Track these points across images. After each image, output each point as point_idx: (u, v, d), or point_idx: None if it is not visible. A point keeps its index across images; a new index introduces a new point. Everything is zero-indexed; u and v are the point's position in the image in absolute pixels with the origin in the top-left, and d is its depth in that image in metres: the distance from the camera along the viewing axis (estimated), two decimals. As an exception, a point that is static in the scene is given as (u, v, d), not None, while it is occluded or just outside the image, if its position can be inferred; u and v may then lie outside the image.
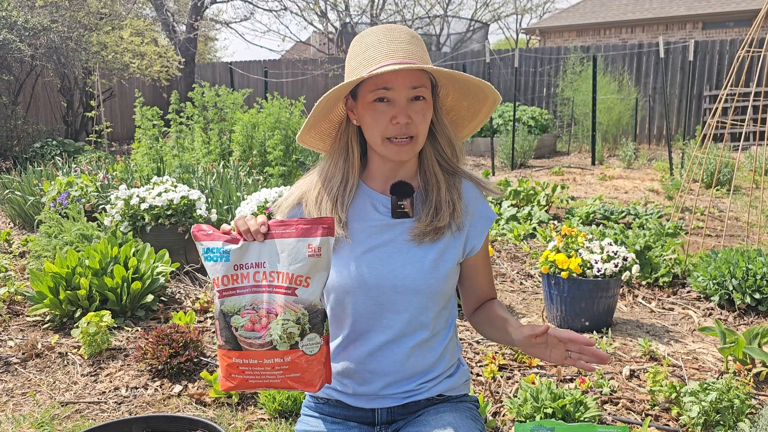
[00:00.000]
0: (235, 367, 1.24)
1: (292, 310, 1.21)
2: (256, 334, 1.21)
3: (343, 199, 1.42)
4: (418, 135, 1.35)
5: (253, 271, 1.23)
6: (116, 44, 11.17)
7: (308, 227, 1.23)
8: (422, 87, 1.34)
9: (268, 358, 1.22)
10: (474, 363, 2.99)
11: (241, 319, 1.22)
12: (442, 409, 1.45)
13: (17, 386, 2.83)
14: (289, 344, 1.21)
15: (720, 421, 2.33)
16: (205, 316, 3.62)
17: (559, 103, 13.05)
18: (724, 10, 16.74)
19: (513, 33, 33.10)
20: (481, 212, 1.46)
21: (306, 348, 1.22)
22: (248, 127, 6.83)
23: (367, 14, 19.42)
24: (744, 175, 8.07)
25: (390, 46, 1.33)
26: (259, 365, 1.22)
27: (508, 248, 5.11)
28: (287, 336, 1.21)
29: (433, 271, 1.39)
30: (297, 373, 1.22)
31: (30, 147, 9.85)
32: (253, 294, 1.22)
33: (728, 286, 3.71)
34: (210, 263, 1.24)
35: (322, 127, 1.46)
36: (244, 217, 1.25)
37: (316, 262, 1.22)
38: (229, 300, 1.23)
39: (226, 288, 1.23)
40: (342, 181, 1.43)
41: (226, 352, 1.24)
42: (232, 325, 1.22)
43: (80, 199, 5.19)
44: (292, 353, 1.21)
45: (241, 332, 1.22)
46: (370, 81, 1.33)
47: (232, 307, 1.23)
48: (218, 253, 1.24)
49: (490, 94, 1.40)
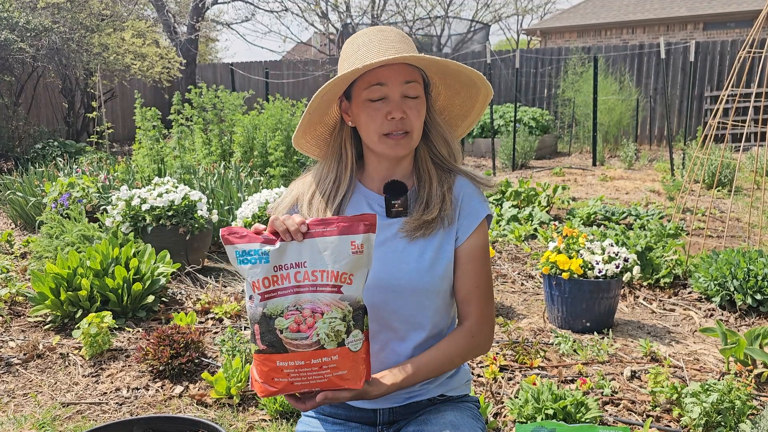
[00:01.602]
0: (279, 371, 1.21)
1: (338, 307, 1.20)
2: (302, 335, 1.20)
3: (335, 197, 1.42)
4: (413, 130, 1.37)
5: (294, 272, 1.21)
6: (118, 46, 11.18)
7: (349, 225, 1.22)
8: (415, 82, 1.36)
9: (316, 358, 1.20)
10: (475, 364, 2.99)
11: (285, 320, 1.20)
12: (444, 408, 1.46)
13: (18, 387, 2.83)
14: (336, 342, 1.20)
15: (721, 422, 2.32)
16: (206, 316, 3.62)
17: (560, 103, 13.05)
18: (725, 11, 16.73)
19: (514, 34, 33.13)
20: (471, 207, 1.44)
21: (351, 345, 1.21)
22: (249, 128, 6.83)
23: (367, 15, 19.43)
24: (745, 175, 8.06)
25: (381, 45, 1.36)
26: (306, 366, 1.21)
27: (509, 249, 5.11)
28: (335, 334, 1.20)
29: (429, 270, 1.39)
30: (344, 370, 1.22)
31: (31, 148, 9.86)
32: (295, 294, 1.21)
33: (729, 287, 3.71)
34: (247, 266, 1.21)
35: (318, 131, 1.48)
36: (280, 218, 1.22)
37: (358, 259, 1.22)
38: (272, 302, 1.21)
39: (267, 290, 1.21)
40: (335, 180, 1.43)
41: (268, 357, 1.21)
42: (276, 328, 1.20)
43: (81, 200, 5.19)
44: (339, 351, 1.21)
45: (287, 334, 1.20)
46: (363, 79, 1.35)
47: (275, 309, 1.20)
48: (257, 255, 1.21)
49: (482, 85, 1.41)
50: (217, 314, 3.60)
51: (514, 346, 3.12)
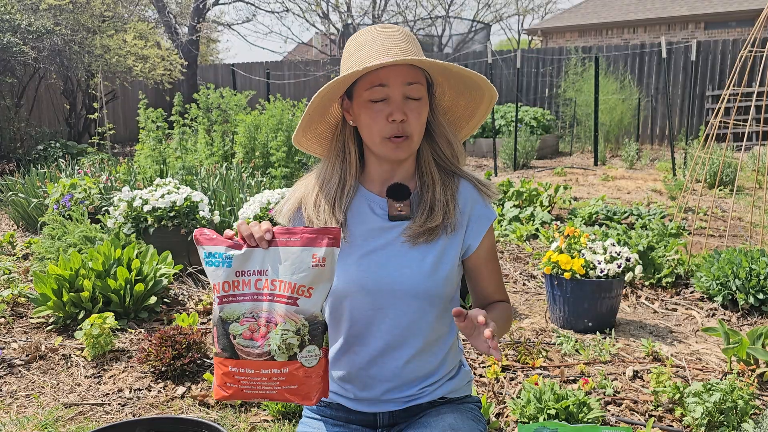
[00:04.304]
0: (230, 376, 1.21)
1: (292, 320, 1.18)
2: (254, 343, 1.18)
3: (341, 201, 1.40)
4: (413, 134, 1.35)
5: (255, 279, 1.20)
6: (119, 47, 11.20)
7: (313, 237, 1.20)
8: (417, 84, 1.34)
9: (265, 369, 1.19)
10: (477, 364, 2.99)
11: (239, 326, 1.19)
12: (444, 410, 1.45)
13: (21, 388, 2.83)
14: (287, 355, 1.18)
15: (724, 422, 2.32)
16: (208, 317, 3.62)
17: (562, 103, 13.04)
18: (727, 10, 16.72)
19: (515, 34, 33.12)
20: (477, 212, 1.43)
21: (305, 360, 1.19)
22: (251, 128, 6.84)
23: (368, 15, 19.44)
24: (747, 175, 8.05)
25: (384, 44, 1.33)
26: (256, 375, 1.19)
27: (510, 249, 5.11)
28: (286, 347, 1.18)
29: (431, 274, 1.37)
30: (294, 385, 1.20)
31: (33, 149, 9.88)
32: (253, 302, 1.20)
33: (731, 287, 3.70)
34: (211, 268, 1.21)
35: (319, 129, 1.46)
36: (248, 223, 1.22)
37: (319, 273, 1.20)
38: (229, 307, 1.20)
39: (226, 294, 1.20)
40: (339, 182, 1.41)
41: (223, 360, 1.21)
42: (230, 333, 1.19)
43: (83, 201, 5.20)
44: (290, 364, 1.19)
45: (239, 340, 1.19)
46: (365, 79, 1.32)
47: (231, 314, 1.20)
48: (220, 258, 1.21)
49: (486, 88, 1.39)
50: (219, 315, 3.60)
51: (516, 346, 3.12)
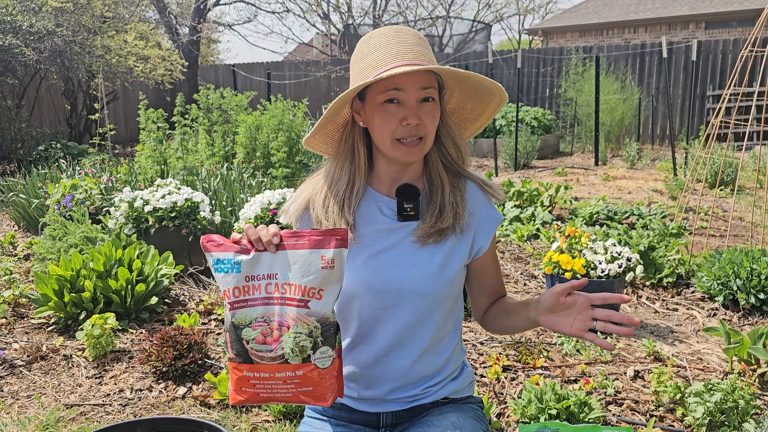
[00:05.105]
0: (245, 381, 1.21)
1: (304, 323, 1.19)
2: (267, 347, 1.19)
3: (350, 202, 1.40)
4: (427, 136, 1.35)
5: (265, 283, 1.20)
6: (120, 48, 11.20)
7: (321, 238, 1.20)
8: (431, 88, 1.34)
9: (280, 372, 1.19)
10: (478, 364, 2.99)
11: (252, 331, 1.19)
12: (446, 410, 1.45)
13: (22, 388, 2.83)
14: (301, 357, 1.19)
15: (725, 422, 2.32)
16: (209, 318, 3.63)
17: (562, 103, 13.04)
18: (727, 10, 16.71)
19: (515, 34, 33.12)
20: (486, 214, 1.45)
21: (318, 361, 1.20)
22: (252, 129, 6.84)
23: (369, 16, 19.45)
24: (748, 174, 8.05)
25: (399, 48, 1.33)
26: (271, 379, 1.20)
27: (511, 249, 5.11)
28: (299, 349, 1.18)
29: (439, 275, 1.38)
30: (309, 387, 1.20)
31: (34, 150, 9.88)
32: (264, 306, 1.20)
33: (732, 287, 3.70)
34: (221, 274, 1.21)
35: (327, 128, 1.45)
36: (255, 227, 1.22)
37: (329, 275, 1.20)
38: (240, 312, 1.20)
39: (237, 300, 1.20)
40: (348, 183, 1.41)
41: (237, 365, 1.21)
42: (243, 338, 1.20)
43: (84, 201, 5.20)
44: (304, 367, 1.19)
45: (252, 345, 1.19)
46: (380, 83, 1.32)
47: (243, 320, 1.20)
48: (229, 264, 1.21)
49: (498, 94, 1.40)
50: (220, 315, 3.61)
51: (517, 347, 3.12)
